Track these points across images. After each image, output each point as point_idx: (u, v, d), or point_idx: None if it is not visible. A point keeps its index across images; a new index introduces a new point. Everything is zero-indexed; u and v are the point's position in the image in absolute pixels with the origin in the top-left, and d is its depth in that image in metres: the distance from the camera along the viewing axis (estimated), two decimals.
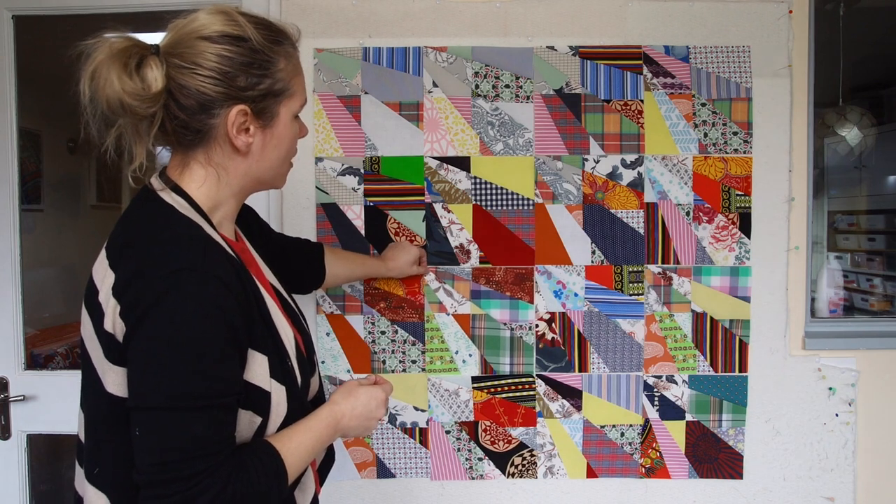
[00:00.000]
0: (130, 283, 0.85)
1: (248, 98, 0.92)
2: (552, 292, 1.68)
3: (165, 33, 0.93)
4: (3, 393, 1.75)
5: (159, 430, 0.82)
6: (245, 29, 0.92)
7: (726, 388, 1.68)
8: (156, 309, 0.82)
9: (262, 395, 0.92)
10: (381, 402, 1.07)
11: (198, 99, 0.90)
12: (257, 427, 0.93)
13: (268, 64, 0.94)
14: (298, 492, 1.02)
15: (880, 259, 3.40)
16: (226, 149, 0.95)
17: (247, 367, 0.90)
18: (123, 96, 0.86)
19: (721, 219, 1.67)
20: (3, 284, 1.77)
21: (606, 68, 1.66)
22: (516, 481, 1.70)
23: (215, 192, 0.97)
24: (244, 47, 0.91)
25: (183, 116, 0.91)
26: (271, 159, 0.99)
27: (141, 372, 0.84)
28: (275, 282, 1.10)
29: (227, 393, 0.86)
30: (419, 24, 1.66)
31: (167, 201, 0.93)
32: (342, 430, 1.03)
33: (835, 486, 1.69)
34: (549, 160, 1.67)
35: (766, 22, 1.65)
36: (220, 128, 0.93)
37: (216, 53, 0.90)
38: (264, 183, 1.03)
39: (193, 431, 0.82)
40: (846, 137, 2.40)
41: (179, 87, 0.90)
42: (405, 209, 1.67)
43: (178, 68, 0.89)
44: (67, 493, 2.39)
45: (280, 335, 0.97)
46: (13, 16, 1.76)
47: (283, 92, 0.96)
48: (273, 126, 0.97)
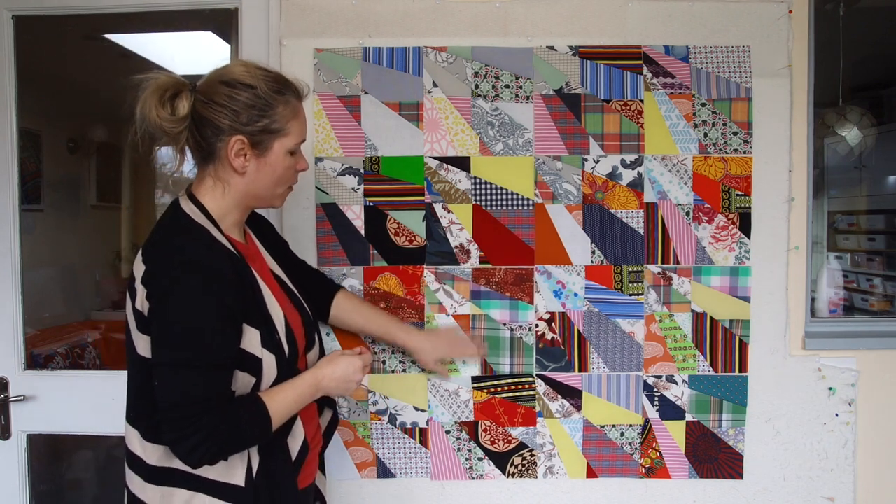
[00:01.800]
0: (153, 274, 1.14)
1: (246, 131, 1.18)
2: (552, 292, 1.68)
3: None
4: (3, 393, 1.75)
5: (169, 382, 1.11)
6: (256, 80, 1.18)
7: (726, 388, 1.68)
8: (167, 293, 1.12)
9: (255, 360, 1.18)
10: (359, 369, 1.30)
11: (210, 127, 1.18)
12: (252, 385, 1.19)
13: (267, 108, 1.19)
14: (290, 438, 1.25)
15: (880, 259, 3.40)
16: (227, 168, 1.22)
17: (243, 338, 1.16)
18: (157, 119, 1.16)
19: (721, 219, 1.67)
20: (3, 284, 1.77)
21: (606, 68, 1.66)
22: (516, 481, 1.70)
23: (222, 202, 1.24)
24: (250, 93, 1.18)
25: (199, 138, 1.20)
26: (264, 181, 1.24)
27: (158, 339, 1.13)
28: (278, 271, 1.37)
29: (219, 357, 1.13)
30: (419, 24, 1.66)
31: (185, 210, 1.21)
32: (323, 389, 1.27)
33: (835, 486, 1.69)
34: (549, 160, 1.67)
35: (766, 22, 1.65)
36: (224, 150, 1.20)
37: (227, 95, 1.18)
38: (262, 200, 1.28)
39: (193, 384, 1.10)
40: (846, 137, 2.40)
41: (200, 116, 1.18)
42: (405, 209, 1.67)
43: (201, 103, 1.18)
44: (67, 492, 2.39)
45: (271, 315, 1.22)
46: (13, 16, 1.76)
47: (278, 131, 1.21)
48: (266, 156, 1.22)
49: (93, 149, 3.71)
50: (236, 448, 1.16)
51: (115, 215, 4.02)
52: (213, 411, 1.11)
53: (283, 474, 1.23)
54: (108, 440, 1.25)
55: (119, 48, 2.73)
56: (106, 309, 3.53)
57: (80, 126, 3.60)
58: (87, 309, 3.53)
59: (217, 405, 1.12)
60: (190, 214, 1.20)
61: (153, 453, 1.19)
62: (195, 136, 1.20)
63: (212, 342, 1.12)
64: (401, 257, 1.67)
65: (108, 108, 3.81)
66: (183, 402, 1.10)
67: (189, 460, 1.12)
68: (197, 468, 1.15)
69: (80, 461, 2.39)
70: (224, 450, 1.14)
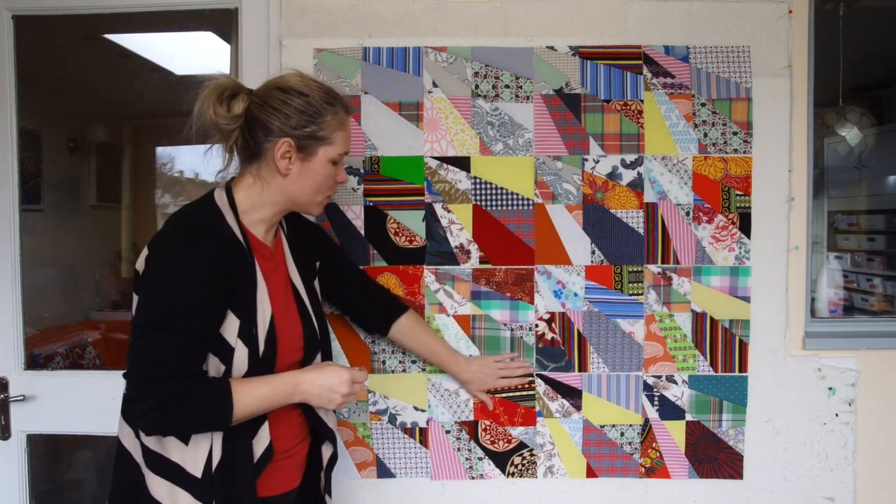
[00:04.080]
0: (156, 239, 1.20)
1: (295, 135, 1.24)
2: (552, 292, 1.68)
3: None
4: (3, 393, 1.75)
5: (137, 340, 1.15)
6: (310, 89, 1.25)
7: (726, 388, 1.68)
8: (159, 257, 1.17)
9: (227, 347, 1.19)
10: (345, 381, 1.27)
11: (261, 128, 1.24)
12: (222, 374, 1.19)
13: (317, 115, 1.25)
14: (255, 441, 1.23)
15: (880, 259, 3.40)
16: (271, 168, 1.26)
17: (224, 324, 1.18)
18: (214, 116, 1.21)
19: (721, 219, 1.67)
20: (3, 284, 1.77)
21: (606, 68, 1.66)
22: (516, 481, 1.70)
23: (255, 199, 1.28)
24: (303, 100, 1.24)
25: (249, 138, 1.25)
26: (304, 186, 1.28)
27: (139, 299, 1.17)
28: (296, 280, 1.36)
29: (190, 325, 1.14)
30: (419, 24, 1.66)
31: (214, 196, 1.26)
32: (301, 393, 1.25)
33: (835, 486, 1.69)
34: (549, 160, 1.67)
35: (765, 22, 1.65)
36: (270, 152, 1.24)
37: (281, 99, 1.23)
38: (298, 205, 1.31)
39: (157, 345, 1.13)
40: (846, 137, 2.40)
41: (254, 117, 1.24)
42: (405, 209, 1.67)
43: (256, 105, 1.24)
44: (67, 493, 2.39)
45: (256, 309, 1.23)
46: (13, 16, 1.76)
47: (324, 139, 1.26)
48: (310, 161, 1.27)
49: (93, 149, 3.71)
50: (190, 425, 1.16)
51: (115, 215, 4.03)
52: (174, 379, 1.12)
53: (241, 475, 1.21)
54: (108, 440, 1.25)
55: (119, 48, 2.73)
56: (106, 309, 3.54)
57: (80, 126, 3.60)
58: (87, 309, 3.53)
59: (177, 373, 1.13)
60: (216, 199, 1.25)
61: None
62: (245, 136, 1.25)
63: (191, 313, 1.14)
64: (401, 257, 1.67)
65: (108, 108, 3.81)
66: (144, 362, 1.12)
67: (141, 424, 1.14)
68: (149, 435, 1.16)
69: (80, 461, 2.39)
70: (176, 422, 1.14)
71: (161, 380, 1.12)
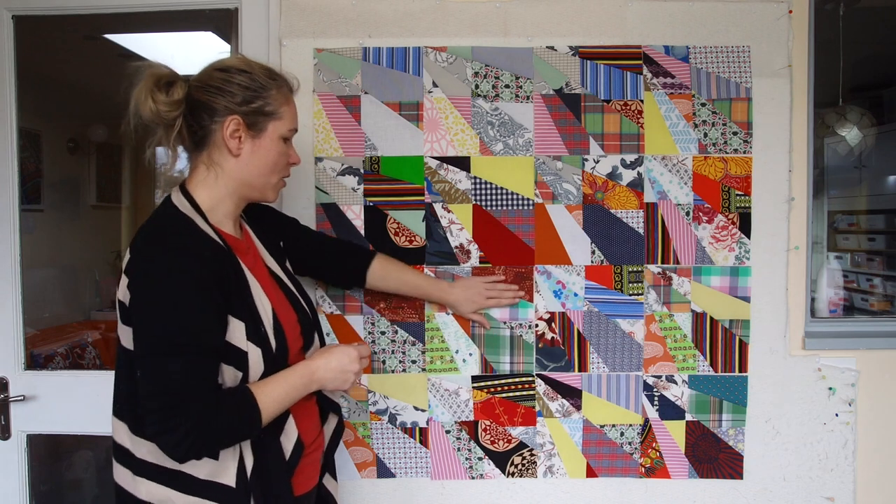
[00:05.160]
0: (132, 262, 1.13)
1: (241, 111, 1.20)
2: (552, 292, 1.68)
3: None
4: (3, 393, 1.75)
5: (150, 371, 1.09)
6: (250, 66, 1.22)
7: (726, 388, 1.68)
8: (147, 279, 1.10)
9: (240, 354, 1.15)
10: (354, 359, 1.28)
11: (206, 110, 1.20)
12: (240, 380, 1.16)
13: (262, 90, 1.22)
14: (283, 437, 1.22)
15: (880, 259, 3.40)
16: (223, 150, 1.22)
17: (228, 330, 1.14)
18: (153, 105, 1.17)
19: (721, 219, 1.67)
20: (3, 284, 1.77)
21: (606, 68, 1.66)
22: (516, 481, 1.70)
23: (214, 191, 1.23)
24: (245, 76, 1.21)
25: (193, 123, 1.21)
26: (258, 165, 1.24)
27: (138, 327, 1.11)
28: (276, 269, 1.34)
29: (201, 344, 1.10)
30: (419, 24, 1.66)
31: (174, 202, 1.20)
32: (318, 381, 1.25)
33: (835, 486, 1.69)
34: (549, 160, 1.67)
35: (765, 22, 1.65)
36: (219, 133, 1.20)
37: (222, 79, 1.20)
38: (254, 188, 1.27)
39: (171, 372, 1.07)
40: (846, 137, 2.41)
41: (195, 101, 1.20)
42: (405, 209, 1.67)
43: (196, 89, 1.20)
44: (67, 493, 2.39)
45: (257, 307, 1.20)
46: (13, 16, 1.76)
47: (272, 113, 1.23)
48: (261, 138, 1.23)
49: (93, 149, 3.71)
50: (224, 441, 1.13)
51: (115, 215, 4.03)
52: (197, 401, 1.07)
53: (276, 475, 1.19)
54: (108, 440, 1.24)
55: (119, 48, 2.73)
56: (106, 309, 3.54)
57: (80, 126, 3.60)
58: (87, 309, 3.53)
59: (201, 395, 1.08)
60: (178, 206, 1.20)
61: (141, 446, 1.16)
62: (189, 123, 1.21)
63: (193, 328, 1.09)
64: (401, 257, 1.67)
65: (108, 108, 3.81)
66: (165, 392, 1.07)
67: (175, 454, 1.08)
68: (184, 462, 1.12)
69: (80, 461, 2.40)
70: (210, 442, 1.10)
71: (184, 405, 1.07)
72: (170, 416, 1.06)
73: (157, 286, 1.09)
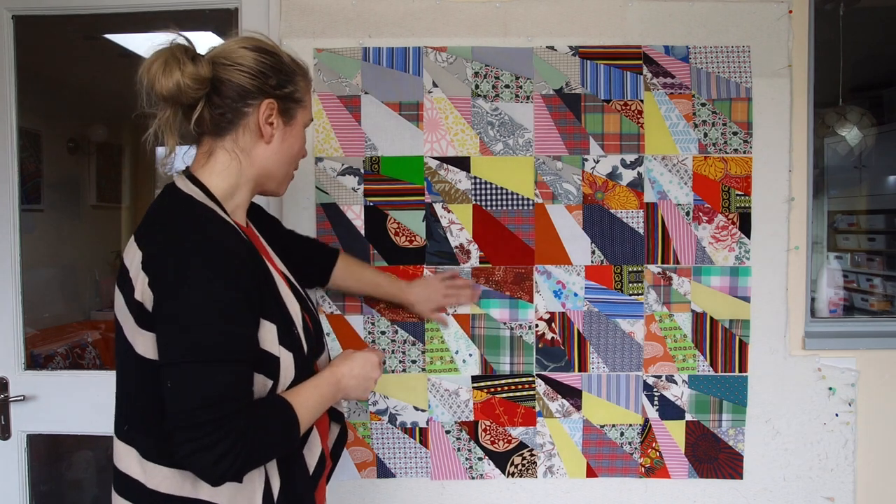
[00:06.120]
0: (155, 257, 0.99)
1: (276, 95, 1.10)
2: (552, 292, 1.68)
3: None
4: (3, 393, 1.75)
5: (186, 381, 0.94)
6: (276, 49, 1.13)
7: (726, 388, 1.68)
8: (179, 277, 0.95)
9: (272, 359, 1.03)
10: (376, 365, 1.20)
11: (237, 90, 1.07)
12: (269, 390, 1.04)
13: (292, 75, 1.13)
14: (306, 451, 1.12)
15: (880, 259, 3.40)
16: (253, 135, 1.10)
17: (259, 334, 1.02)
18: (181, 79, 1.02)
19: (721, 219, 1.67)
20: (3, 284, 1.77)
21: (606, 68, 1.66)
22: (516, 481, 1.70)
23: (234, 179, 1.11)
24: (275, 59, 1.11)
25: (222, 105, 1.08)
26: (285, 154, 1.15)
27: (170, 332, 0.96)
28: (283, 267, 1.23)
29: (243, 349, 0.98)
30: (419, 24, 1.66)
31: (185, 191, 1.06)
32: (343, 389, 1.15)
33: (835, 486, 1.69)
34: (549, 160, 1.67)
35: (765, 22, 1.65)
36: (252, 116, 1.09)
37: (254, 58, 1.09)
38: (274, 179, 1.17)
39: (215, 381, 0.94)
40: (846, 137, 2.40)
41: (221, 80, 1.07)
42: (405, 209, 1.67)
43: (223, 66, 1.07)
44: (67, 493, 2.39)
45: (287, 307, 1.09)
46: (13, 16, 1.76)
47: (300, 101, 1.15)
48: (292, 126, 1.15)
49: (93, 149, 3.71)
50: (264, 457, 1.01)
51: (115, 215, 4.03)
52: (242, 414, 0.95)
53: (303, 493, 1.10)
54: (107, 440, 1.24)
55: (119, 48, 2.73)
56: (106, 309, 3.54)
57: (80, 126, 3.60)
58: (87, 309, 3.53)
59: (239, 406, 0.96)
60: (191, 195, 1.06)
61: (156, 474, 1.02)
62: (216, 105, 1.07)
63: (235, 332, 0.96)
64: (401, 257, 1.67)
65: (108, 108, 3.81)
66: (201, 406, 0.93)
67: (213, 474, 0.94)
68: (218, 485, 0.98)
69: (80, 461, 2.39)
70: (253, 459, 0.98)
71: (228, 419, 0.93)
72: (210, 430, 0.92)
73: (196, 290, 0.95)
